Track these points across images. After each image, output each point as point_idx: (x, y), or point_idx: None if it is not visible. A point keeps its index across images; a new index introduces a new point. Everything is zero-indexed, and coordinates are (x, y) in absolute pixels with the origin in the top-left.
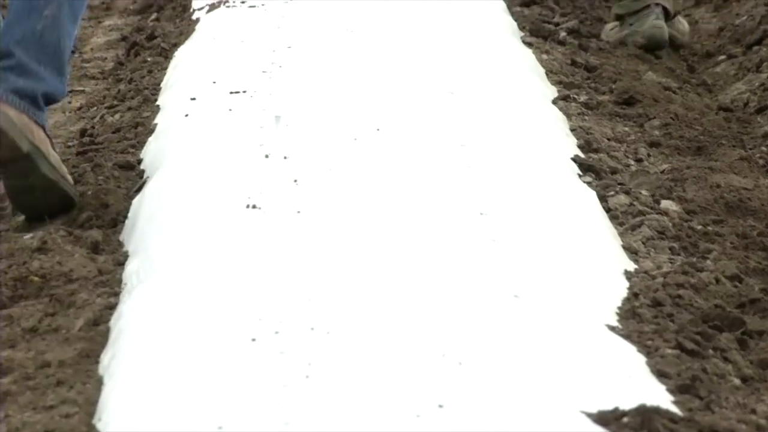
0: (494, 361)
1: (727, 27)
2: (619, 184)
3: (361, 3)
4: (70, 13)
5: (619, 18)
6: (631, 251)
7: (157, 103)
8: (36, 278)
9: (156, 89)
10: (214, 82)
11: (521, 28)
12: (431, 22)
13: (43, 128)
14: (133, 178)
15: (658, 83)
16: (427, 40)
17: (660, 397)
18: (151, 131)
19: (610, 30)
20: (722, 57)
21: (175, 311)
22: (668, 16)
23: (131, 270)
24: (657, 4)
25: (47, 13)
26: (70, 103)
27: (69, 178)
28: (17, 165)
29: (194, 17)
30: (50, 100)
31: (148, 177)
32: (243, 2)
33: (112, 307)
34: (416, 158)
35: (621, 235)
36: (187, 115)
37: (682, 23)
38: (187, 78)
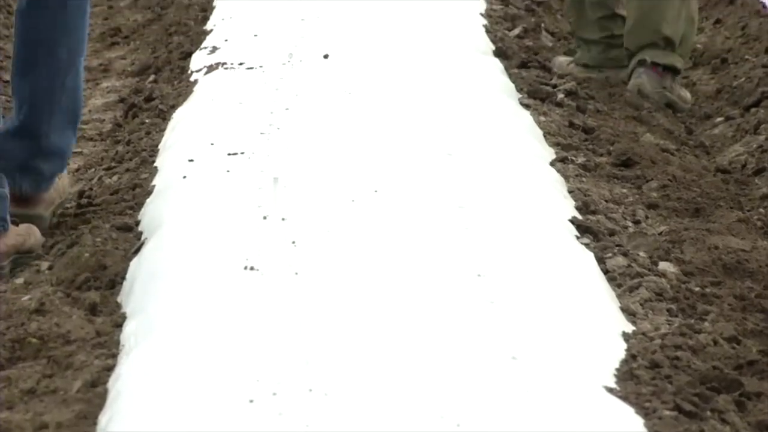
0: (492, 423)
1: (725, 89)
2: (617, 245)
3: (360, 65)
4: (82, 68)
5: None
6: (629, 313)
7: (155, 164)
8: (34, 340)
9: (154, 151)
10: (212, 144)
11: (519, 89)
12: (430, 84)
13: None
14: (131, 240)
15: (656, 145)
16: (426, 102)
17: None
18: (149, 193)
19: (567, 65)
20: (720, 119)
21: (173, 372)
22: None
23: (129, 331)
24: (641, 62)
25: (68, 84)
26: (68, 164)
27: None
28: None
29: (192, 79)
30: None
31: (146, 238)
32: (241, 64)
33: (110, 369)
34: (414, 220)
35: (619, 296)
36: (185, 177)
37: (685, 91)
38: (185, 139)
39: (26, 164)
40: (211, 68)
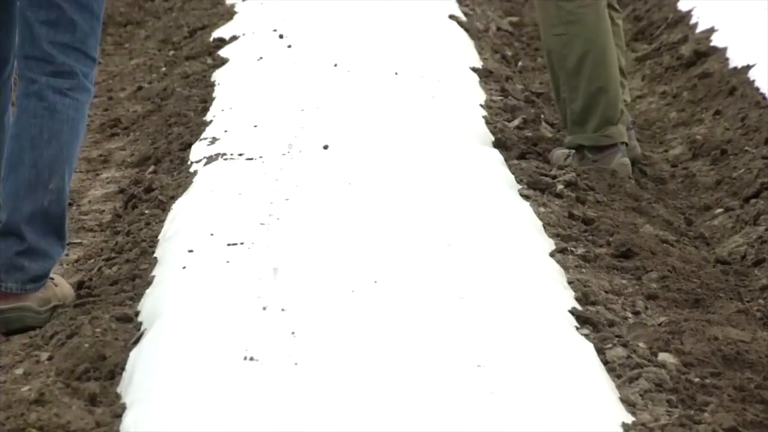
0: None
1: (724, 180)
2: (616, 336)
3: (359, 156)
4: (69, 171)
5: (577, 148)
6: (628, 404)
7: (155, 255)
8: (34, 430)
9: (154, 241)
10: (212, 235)
11: (519, 180)
12: (429, 175)
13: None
14: (131, 331)
15: (656, 236)
16: (425, 193)
17: None
18: (149, 283)
19: (565, 160)
20: (720, 210)
21: None
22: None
23: (129, 422)
24: (623, 143)
25: (52, 187)
26: (67, 255)
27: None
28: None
29: (192, 170)
30: (51, 267)
31: (145, 329)
32: (241, 155)
33: None
34: (414, 310)
35: (618, 387)
36: (184, 267)
37: (636, 148)
38: (184, 230)
39: (10, 262)
40: (210, 159)
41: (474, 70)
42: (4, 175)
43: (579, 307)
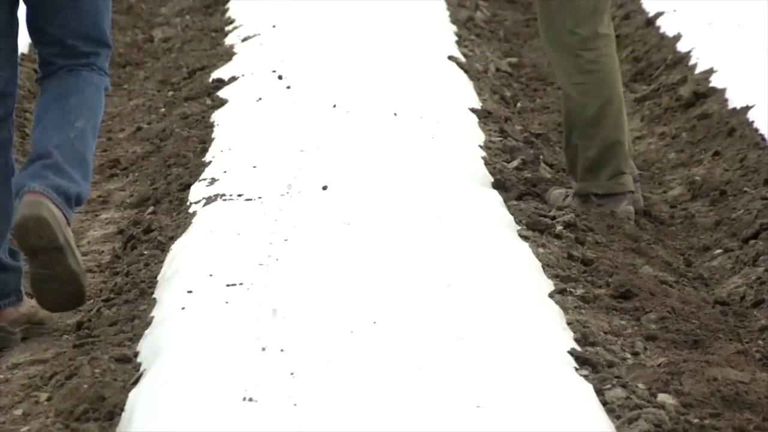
0: None
1: (723, 221)
2: (615, 377)
3: (358, 196)
4: (92, 130)
5: (583, 195)
6: None
7: (154, 296)
8: None
9: (153, 282)
10: (211, 275)
11: (518, 221)
12: (428, 216)
13: (69, 226)
14: (130, 371)
15: (655, 277)
16: (424, 234)
17: None
18: (148, 324)
19: (563, 200)
20: (719, 251)
21: None
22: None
23: None
24: (631, 192)
25: (78, 125)
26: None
27: (85, 276)
28: (49, 255)
29: (191, 210)
30: (79, 202)
31: (145, 370)
32: (240, 196)
33: None
34: (413, 350)
35: (618, 428)
36: (183, 308)
37: (640, 200)
38: (184, 271)
39: (37, 171)
40: (209, 200)
41: (473, 110)
42: (33, 126)
43: (578, 348)
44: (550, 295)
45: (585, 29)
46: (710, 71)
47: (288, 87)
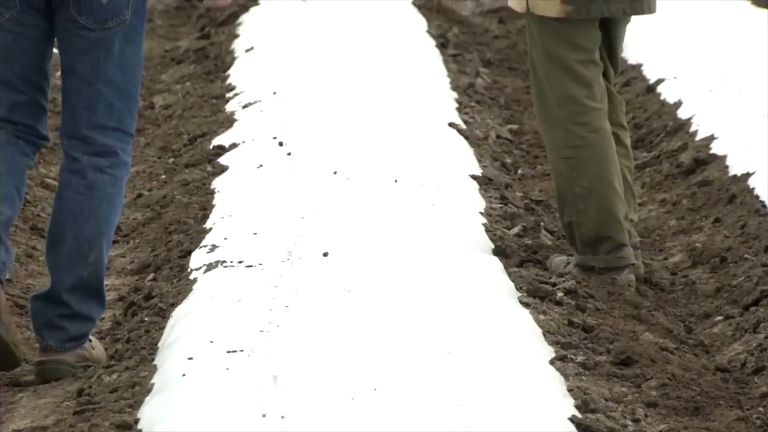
0: None
1: (724, 288)
2: None
3: (359, 263)
4: (107, 243)
5: (584, 268)
6: None
7: (155, 362)
8: None
9: (153, 349)
10: (212, 342)
11: (518, 288)
12: (429, 282)
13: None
14: None
15: (656, 344)
16: (425, 301)
17: None
18: (149, 391)
19: (564, 267)
20: (719, 317)
21: None
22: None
23: None
24: (632, 264)
25: (92, 260)
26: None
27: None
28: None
29: (192, 277)
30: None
31: None
32: (240, 262)
33: None
34: (414, 418)
35: None
36: (184, 375)
37: (640, 267)
38: (184, 337)
39: (52, 322)
40: (210, 266)
41: (473, 177)
42: (47, 246)
43: (579, 415)
44: (551, 362)
45: (574, 103)
46: (711, 138)
47: (289, 153)
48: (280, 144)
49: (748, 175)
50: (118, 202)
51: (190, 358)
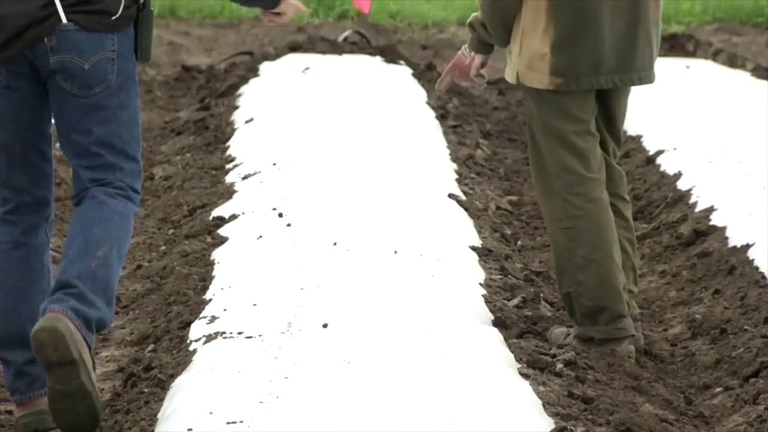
0: None
1: (723, 359)
2: None
3: (359, 334)
4: (117, 257)
5: (583, 339)
6: None
7: None
8: None
9: (153, 420)
10: (211, 413)
11: (518, 359)
12: (428, 353)
13: (90, 349)
14: None
15: (655, 415)
16: (425, 372)
17: None
18: None
19: (564, 338)
20: (719, 389)
21: None
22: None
23: None
24: (632, 335)
25: (100, 254)
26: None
27: (100, 399)
28: (63, 369)
29: (191, 348)
30: (100, 326)
31: None
32: (240, 333)
33: None
34: None
35: None
36: None
37: (641, 339)
38: (184, 409)
39: (58, 298)
40: (210, 337)
41: (473, 248)
42: (62, 259)
43: None
44: None
45: (571, 173)
46: (710, 209)
47: (288, 225)
48: (280, 215)
49: (747, 246)
50: (129, 223)
51: (190, 430)
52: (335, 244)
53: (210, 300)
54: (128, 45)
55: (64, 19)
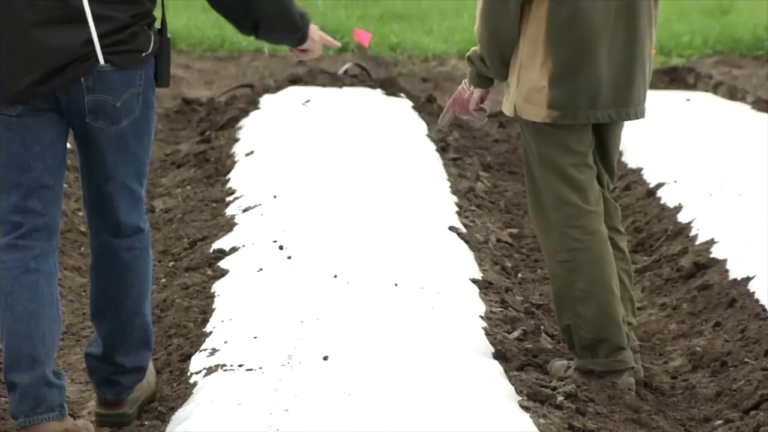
0: None
1: (724, 392)
2: None
3: (359, 367)
4: (149, 302)
5: (584, 370)
6: None
7: None
8: None
9: None
10: None
11: (518, 392)
12: (429, 385)
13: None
14: None
15: None
16: (425, 404)
17: None
18: None
19: (564, 371)
20: (719, 422)
21: None
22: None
23: None
24: (632, 367)
25: (137, 323)
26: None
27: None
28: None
29: (192, 381)
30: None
31: None
32: (240, 366)
33: None
34: None
35: None
36: None
37: (640, 371)
38: None
39: (108, 379)
40: (210, 370)
41: (474, 281)
42: (92, 312)
43: None
44: None
45: (569, 206)
46: (711, 242)
47: (289, 257)
48: (281, 247)
49: (748, 279)
50: (149, 266)
51: None
52: (336, 276)
53: (210, 332)
54: (151, 74)
55: (101, 61)
